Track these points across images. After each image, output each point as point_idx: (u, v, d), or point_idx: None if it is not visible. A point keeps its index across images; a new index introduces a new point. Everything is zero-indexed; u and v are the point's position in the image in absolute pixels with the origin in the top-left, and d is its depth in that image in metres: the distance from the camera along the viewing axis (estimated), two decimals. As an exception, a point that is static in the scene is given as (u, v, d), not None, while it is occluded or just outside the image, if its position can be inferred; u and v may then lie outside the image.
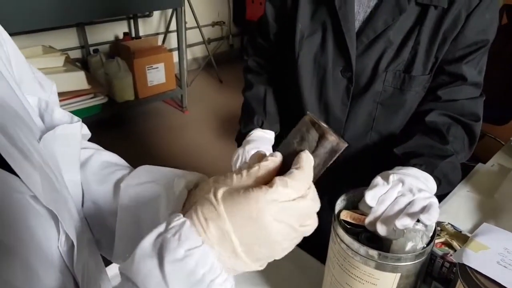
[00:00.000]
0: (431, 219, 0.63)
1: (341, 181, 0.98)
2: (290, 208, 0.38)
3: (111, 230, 0.53)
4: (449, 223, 0.89)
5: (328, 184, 1.01)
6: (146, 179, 0.51)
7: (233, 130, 1.10)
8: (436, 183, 0.75)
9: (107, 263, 0.91)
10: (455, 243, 0.95)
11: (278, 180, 0.38)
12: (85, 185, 0.55)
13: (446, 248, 0.90)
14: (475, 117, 0.85)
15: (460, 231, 0.96)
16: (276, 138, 1.00)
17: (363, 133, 0.91)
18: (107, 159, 0.58)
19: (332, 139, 0.44)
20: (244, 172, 0.40)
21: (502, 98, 0.87)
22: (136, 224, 0.51)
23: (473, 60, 0.83)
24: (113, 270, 0.90)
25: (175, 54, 3.23)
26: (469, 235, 0.97)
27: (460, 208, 1.23)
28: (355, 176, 0.92)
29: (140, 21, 3.56)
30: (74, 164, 0.52)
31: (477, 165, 1.48)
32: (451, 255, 0.92)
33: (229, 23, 4.39)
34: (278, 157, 0.42)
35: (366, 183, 0.75)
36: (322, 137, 0.45)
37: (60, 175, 0.46)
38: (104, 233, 0.55)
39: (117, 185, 0.53)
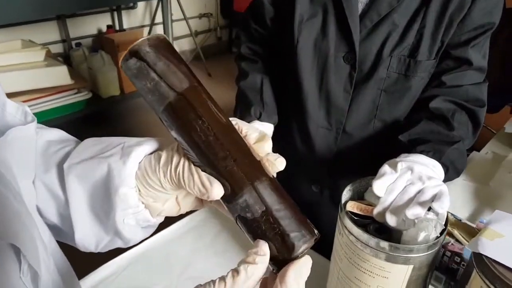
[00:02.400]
0: (443, 207, 0.60)
1: (342, 174, 0.95)
2: None
3: (68, 217, 0.47)
4: (448, 212, 0.87)
5: (329, 177, 0.98)
6: (90, 154, 0.46)
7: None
8: (444, 170, 0.72)
9: (84, 274, 0.87)
10: (456, 232, 0.93)
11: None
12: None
13: (447, 237, 0.89)
14: (479, 103, 0.82)
15: (460, 220, 0.94)
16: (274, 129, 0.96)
17: (366, 122, 0.88)
18: (50, 138, 0.50)
19: None
20: (229, 282, 0.36)
21: (494, 86, 0.85)
22: (91, 209, 0.46)
23: (478, 44, 0.80)
24: (89, 281, 0.86)
25: (161, 48, 3.15)
26: (469, 223, 0.95)
27: (457, 197, 1.21)
28: (357, 167, 0.89)
29: (124, 13, 3.47)
30: (30, 169, 0.46)
31: (471, 153, 1.47)
32: (452, 244, 0.90)
33: (216, 15, 4.32)
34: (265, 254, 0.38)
35: (369, 174, 0.72)
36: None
37: (16, 186, 0.41)
38: (63, 222, 0.49)
39: (60, 167, 0.47)
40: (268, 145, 0.42)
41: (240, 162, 0.39)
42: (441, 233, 0.60)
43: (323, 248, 0.95)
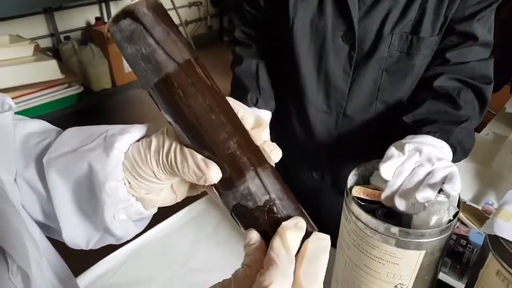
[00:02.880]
0: (455, 188, 0.57)
1: (344, 159, 0.92)
2: None
3: (53, 214, 0.44)
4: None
5: (330, 163, 0.95)
6: (71, 147, 0.42)
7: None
8: (452, 151, 0.69)
9: (81, 271, 0.85)
10: (461, 215, 0.91)
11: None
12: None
13: (454, 220, 0.86)
14: (486, 80, 0.79)
15: (465, 202, 0.92)
16: (272, 115, 0.93)
17: (368, 104, 0.85)
18: (30, 130, 0.46)
19: None
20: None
21: (495, 63, 0.83)
22: (76, 205, 0.42)
23: (484, 18, 0.77)
24: (85, 280, 0.84)
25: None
26: (474, 205, 0.93)
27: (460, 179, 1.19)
28: (359, 151, 0.86)
29: (112, 4, 3.40)
30: (10, 163, 0.42)
31: (472, 134, 1.45)
32: (458, 227, 0.88)
33: (206, 4, 4.25)
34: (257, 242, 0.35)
35: (372, 158, 0.70)
36: None
37: None
38: (49, 220, 0.45)
39: (39, 161, 0.43)
40: (266, 132, 0.39)
41: (243, 146, 0.36)
42: (454, 216, 0.57)
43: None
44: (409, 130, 0.72)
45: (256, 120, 0.39)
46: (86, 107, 2.85)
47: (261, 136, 0.39)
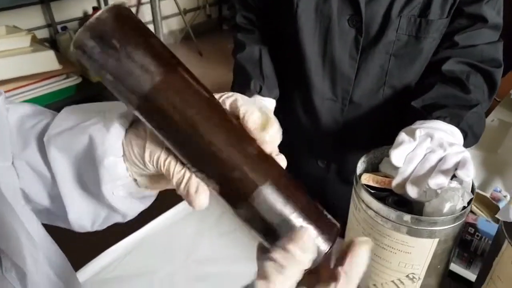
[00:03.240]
0: (469, 174, 0.55)
1: (350, 147, 0.90)
2: None
3: (57, 196, 0.43)
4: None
5: (336, 151, 0.93)
6: (71, 124, 0.40)
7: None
8: (462, 136, 0.67)
9: (81, 265, 0.83)
10: (470, 202, 0.89)
11: None
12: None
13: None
14: (495, 63, 0.77)
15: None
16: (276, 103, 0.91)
17: (375, 90, 0.82)
18: (23, 113, 0.44)
19: None
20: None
21: (503, 48, 0.81)
22: (79, 183, 0.41)
23: (493, 0, 0.74)
24: (87, 273, 0.82)
25: (150, 28, 3.06)
26: (482, 193, 0.91)
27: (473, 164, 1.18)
28: (366, 139, 0.84)
29: (109, -6, 3.36)
30: (5, 149, 0.41)
31: (477, 121, 1.43)
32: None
33: (205, -8, 4.20)
34: None
35: (379, 145, 0.68)
36: None
37: None
38: (53, 203, 0.44)
39: (40, 140, 0.41)
40: (271, 134, 0.34)
41: (246, 168, 0.32)
42: (468, 203, 0.55)
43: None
44: (418, 115, 0.70)
45: (260, 116, 0.35)
46: (85, 98, 2.82)
47: (265, 138, 0.34)
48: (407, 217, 0.54)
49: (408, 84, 0.82)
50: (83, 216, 0.43)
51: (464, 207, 0.55)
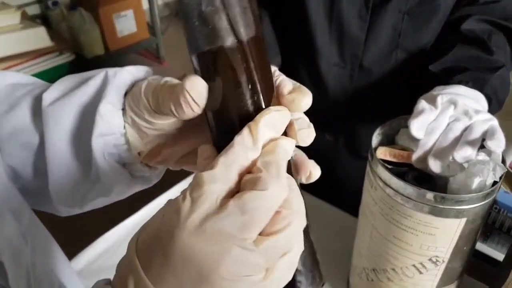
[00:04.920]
0: (500, 145, 0.49)
1: (360, 118, 0.83)
2: (221, 214, 0.24)
3: (42, 169, 0.39)
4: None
5: (344, 122, 0.86)
6: (74, 84, 0.38)
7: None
8: (487, 102, 0.61)
9: (73, 255, 0.78)
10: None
11: (194, 178, 0.26)
12: None
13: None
14: None
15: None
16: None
17: (387, 53, 0.75)
18: (14, 81, 0.42)
19: None
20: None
21: None
22: (72, 144, 0.38)
23: None
24: (81, 262, 0.77)
25: (144, 0, 2.95)
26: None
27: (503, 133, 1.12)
28: (377, 109, 0.77)
29: (100, -34, 3.22)
30: None
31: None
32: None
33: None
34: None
35: (393, 115, 0.61)
36: None
37: None
38: (37, 176, 0.40)
39: (36, 103, 0.38)
40: (305, 101, 0.32)
41: None
42: (501, 178, 0.49)
43: (342, 203, 0.85)
44: (437, 80, 0.63)
45: (295, 86, 0.33)
46: (80, 75, 2.74)
47: (297, 103, 0.31)
48: (431, 195, 0.48)
49: (424, 47, 0.75)
50: (64, 187, 0.39)
51: (494, 183, 0.49)
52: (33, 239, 0.38)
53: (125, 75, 0.35)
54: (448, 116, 0.53)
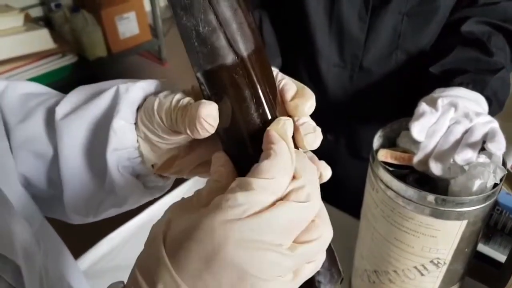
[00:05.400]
0: (500, 147, 0.49)
1: (360, 118, 0.83)
2: (264, 222, 0.25)
3: (56, 178, 0.40)
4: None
5: (345, 123, 0.87)
6: (86, 97, 0.39)
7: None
8: (487, 104, 0.61)
9: (77, 255, 0.78)
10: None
11: (235, 183, 0.26)
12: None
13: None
14: None
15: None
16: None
17: (387, 55, 0.75)
18: (27, 91, 0.42)
19: None
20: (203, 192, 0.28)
21: None
22: (85, 157, 0.39)
23: None
24: (85, 263, 0.77)
25: (146, 2, 2.95)
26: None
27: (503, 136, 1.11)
28: (377, 110, 0.78)
29: (102, -32, 3.23)
30: None
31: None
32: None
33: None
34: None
35: (393, 116, 0.61)
36: None
37: None
38: (50, 186, 0.41)
39: (49, 115, 0.39)
40: (308, 105, 0.32)
41: None
42: (501, 180, 0.49)
43: (342, 204, 0.85)
44: (437, 82, 0.63)
45: (299, 89, 0.33)
46: (82, 77, 2.74)
47: (301, 109, 0.32)
48: (432, 197, 0.48)
49: (423, 48, 0.75)
50: (78, 198, 0.40)
51: (495, 185, 0.49)
52: (45, 243, 0.38)
53: (137, 91, 0.36)
54: (448, 118, 0.54)
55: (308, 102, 0.31)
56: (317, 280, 0.31)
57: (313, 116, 0.34)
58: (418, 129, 0.53)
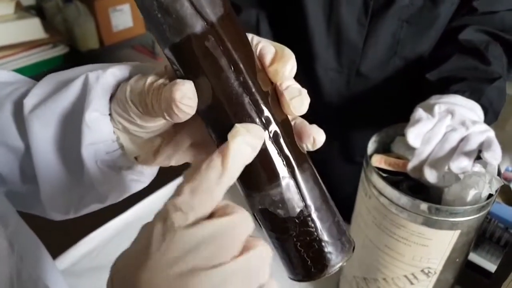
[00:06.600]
0: (496, 157, 0.48)
1: (355, 123, 0.82)
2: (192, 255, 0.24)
3: (31, 174, 0.37)
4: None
5: (340, 128, 0.86)
6: (55, 86, 0.36)
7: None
8: (483, 112, 0.60)
9: (56, 254, 0.76)
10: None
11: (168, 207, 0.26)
12: None
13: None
14: None
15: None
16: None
17: (385, 61, 0.74)
18: None
19: None
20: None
21: None
22: (58, 152, 0.36)
23: None
24: (64, 263, 0.74)
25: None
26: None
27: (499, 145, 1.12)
28: (373, 115, 0.76)
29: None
30: None
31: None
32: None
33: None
34: None
35: (388, 122, 0.60)
36: None
37: None
38: (25, 182, 0.39)
39: (16, 104, 0.36)
40: (287, 68, 0.29)
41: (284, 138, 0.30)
42: (496, 190, 0.48)
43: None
44: (434, 89, 0.63)
45: (277, 51, 0.30)
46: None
47: (284, 74, 0.29)
48: (425, 206, 0.47)
49: (422, 55, 0.75)
50: (55, 194, 0.38)
51: (490, 195, 0.48)
52: (20, 245, 0.36)
53: (108, 78, 0.33)
54: (445, 125, 0.53)
55: (287, 64, 0.29)
56: (328, 252, 0.29)
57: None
58: (414, 135, 0.52)
